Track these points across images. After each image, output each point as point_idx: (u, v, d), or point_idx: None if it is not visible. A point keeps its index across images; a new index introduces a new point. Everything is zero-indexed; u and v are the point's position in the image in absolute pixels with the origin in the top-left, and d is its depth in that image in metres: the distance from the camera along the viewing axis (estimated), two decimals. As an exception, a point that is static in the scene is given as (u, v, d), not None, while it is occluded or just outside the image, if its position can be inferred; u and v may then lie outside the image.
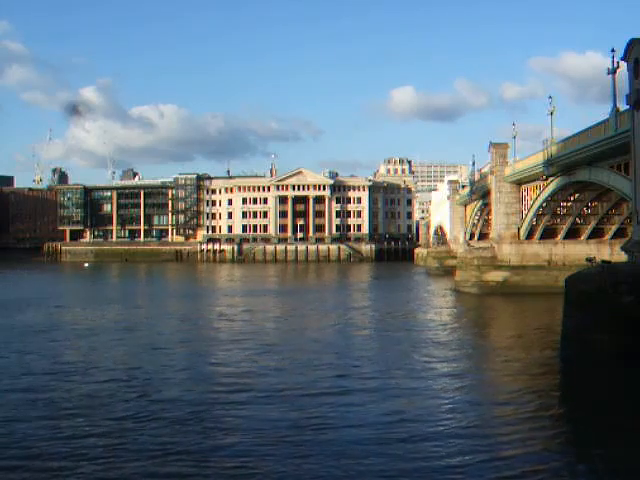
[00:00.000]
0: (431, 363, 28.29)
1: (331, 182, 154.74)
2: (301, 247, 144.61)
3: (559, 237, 58.54)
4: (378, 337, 36.47)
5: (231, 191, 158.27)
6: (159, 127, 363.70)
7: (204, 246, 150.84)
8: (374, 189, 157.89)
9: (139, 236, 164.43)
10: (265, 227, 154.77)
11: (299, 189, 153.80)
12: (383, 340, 35.04)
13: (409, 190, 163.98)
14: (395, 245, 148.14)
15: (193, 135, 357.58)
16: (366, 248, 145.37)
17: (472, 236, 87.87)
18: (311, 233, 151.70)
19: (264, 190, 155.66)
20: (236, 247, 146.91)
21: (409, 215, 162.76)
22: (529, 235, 59.53)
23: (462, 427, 18.94)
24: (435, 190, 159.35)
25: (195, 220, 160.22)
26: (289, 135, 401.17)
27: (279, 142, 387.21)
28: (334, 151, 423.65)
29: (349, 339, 35.49)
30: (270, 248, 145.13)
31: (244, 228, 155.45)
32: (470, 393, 23.34)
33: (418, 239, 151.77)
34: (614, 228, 56.99)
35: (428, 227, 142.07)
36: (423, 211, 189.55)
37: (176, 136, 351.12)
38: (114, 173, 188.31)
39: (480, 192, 78.37)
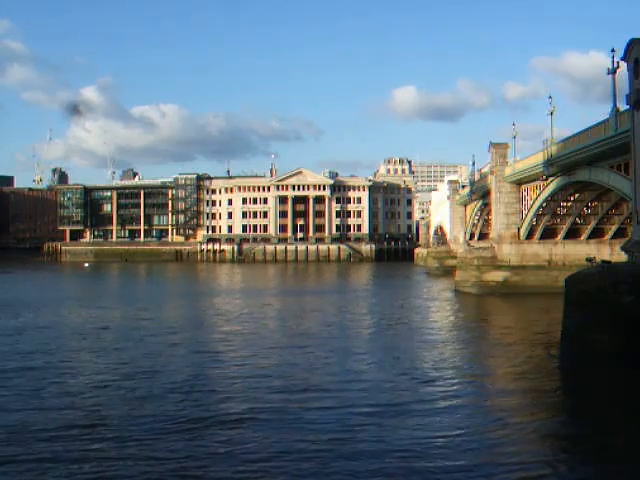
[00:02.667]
0: (430, 363, 28.26)
1: (331, 182, 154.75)
2: (301, 247, 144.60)
3: (559, 237, 58.51)
4: (378, 337, 36.45)
5: (231, 191, 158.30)
6: (160, 127, 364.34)
7: (204, 246, 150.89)
8: (374, 189, 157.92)
9: (139, 236, 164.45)
10: (265, 227, 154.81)
11: (299, 189, 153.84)
12: (383, 340, 35.01)
13: (409, 190, 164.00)
14: (395, 245, 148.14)
15: (194, 135, 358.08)
16: (366, 248, 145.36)
17: (472, 236, 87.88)
18: (311, 233, 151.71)
19: (264, 190, 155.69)
20: (236, 247, 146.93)
21: (409, 215, 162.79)
22: (529, 235, 59.51)
23: (461, 427, 18.92)
24: (435, 190, 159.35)
25: (195, 220, 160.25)
26: (290, 135, 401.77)
27: (280, 142, 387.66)
28: (335, 151, 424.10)
29: (349, 339, 35.43)
30: (270, 248, 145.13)
31: (244, 228, 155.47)
32: (469, 393, 23.31)
33: (418, 239, 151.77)
34: (614, 228, 56.96)
35: (428, 227, 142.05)
36: (423, 211, 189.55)
37: (177, 136, 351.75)
38: (114, 173, 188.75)
39: (480, 192, 78.37)
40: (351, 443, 17.36)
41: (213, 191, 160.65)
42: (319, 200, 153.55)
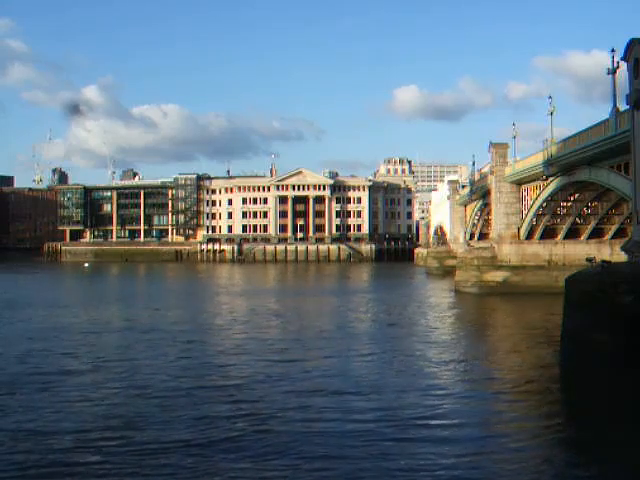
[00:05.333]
0: (430, 363, 28.25)
1: (331, 182, 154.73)
2: (301, 247, 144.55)
3: (559, 237, 58.49)
4: (377, 336, 36.43)
5: (231, 191, 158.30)
6: (161, 127, 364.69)
7: (204, 246, 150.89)
8: (374, 189, 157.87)
9: (139, 236, 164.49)
10: (265, 227, 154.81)
11: (299, 189, 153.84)
12: (382, 340, 34.98)
13: (409, 190, 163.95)
14: (395, 245, 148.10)
15: (195, 135, 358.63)
16: (366, 248, 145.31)
17: (472, 236, 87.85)
18: (311, 233, 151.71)
19: (264, 190, 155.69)
20: (236, 247, 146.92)
21: (409, 215, 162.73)
22: (529, 235, 59.49)
23: (460, 428, 18.92)
24: (435, 190, 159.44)
25: (195, 220, 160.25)
26: (292, 135, 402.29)
27: (282, 142, 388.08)
28: (337, 151, 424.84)
29: (351, 341, 35.41)
30: (270, 248, 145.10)
31: (244, 228, 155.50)
32: (469, 393, 23.28)
33: (418, 239, 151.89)
34: (614, 228, 56.93)
35: (428, 227, 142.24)
36: (423, 211, 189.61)
37: (178, 136, 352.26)
38: (114, 173, 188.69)
39: (480, 192, 78.35)
40: (350, 448, 17.35)
41: (213, 191, 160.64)
42: (319, 200, 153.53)
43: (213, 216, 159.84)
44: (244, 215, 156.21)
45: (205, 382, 24.57)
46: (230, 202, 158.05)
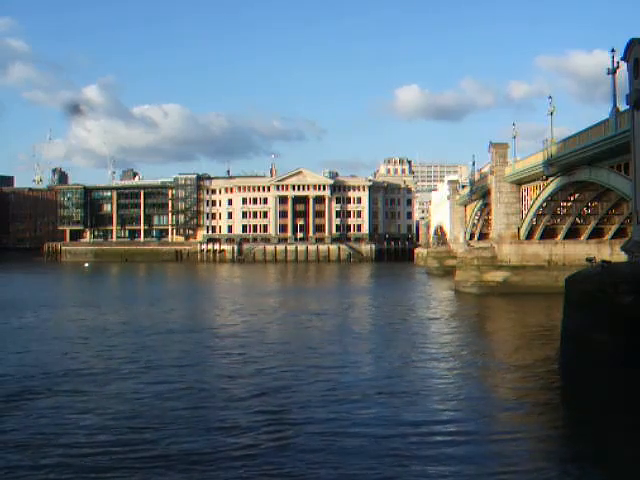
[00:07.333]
0: (430, 363, 28.27)
1: (331, 182, 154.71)
2: (301, 247, 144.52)
3: (559, 237, 58.49)
4: (377, 336, 36.47)
5: (231, 191, 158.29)
6: (162, 126, 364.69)
7: (204, 246, 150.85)
8: (374, 189, 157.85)
9: (139, 236, 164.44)
10: (265, 227, 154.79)
11: (299, 189, 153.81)
12: (382, 339, 35.01)
13: (409, 190, 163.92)
14: (395, 245, 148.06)
15: (196, 135, 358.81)
16: (366, 248, 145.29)
17: (472, 236, 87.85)
18: (311, 233, 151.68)
19: (264, 190, 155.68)
20: (236, 247, 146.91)
21: (409, 215, 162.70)
22: (529, 235, 59.50)
23: (460, 427, 18.93)
24: (435, 190, 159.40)
25: (195, 220, 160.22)
26: (293, 135, 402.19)
27: (283, 142, 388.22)
28: (338, 151, 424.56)
29: (351, 338, 35.43)
30: (270, 248, 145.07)
31: (244, 228, 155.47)
32: (468, 393, 23.30)
33: (418, 239, 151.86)
34: (614, 228, 56.93)
35: (428, 227, 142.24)
36: (423, 211, 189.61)
37: (179, 135, 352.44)
38: (114, 173, 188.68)
39: (480, 192, 78.36)
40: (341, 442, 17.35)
41: (213, 191, 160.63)
42: (319, 200, 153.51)
43: (213, 216, 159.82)
44: (244, 215, 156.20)
45: (217, 386, 24.58)
46: (230, 202, 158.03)
